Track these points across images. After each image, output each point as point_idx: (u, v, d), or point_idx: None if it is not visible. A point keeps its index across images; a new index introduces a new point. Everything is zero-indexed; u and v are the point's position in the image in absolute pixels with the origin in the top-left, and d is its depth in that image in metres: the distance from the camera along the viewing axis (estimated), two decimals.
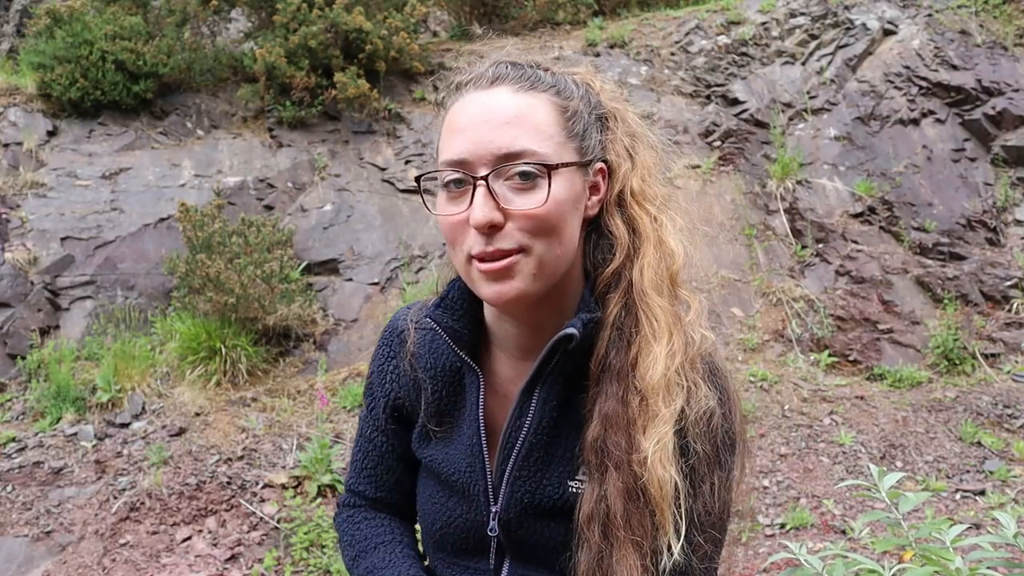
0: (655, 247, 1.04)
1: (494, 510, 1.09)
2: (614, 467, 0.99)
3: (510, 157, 0.96)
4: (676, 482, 0.98)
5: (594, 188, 1.06)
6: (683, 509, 0.99)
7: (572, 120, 1.01)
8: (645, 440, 0.98)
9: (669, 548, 0.97)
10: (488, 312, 1.12)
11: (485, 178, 0.96)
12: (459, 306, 1.10)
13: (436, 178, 1.02)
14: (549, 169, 0.96)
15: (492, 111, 0.97)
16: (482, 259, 0.98)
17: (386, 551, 1.20)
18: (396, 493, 1.27)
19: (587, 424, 1.03)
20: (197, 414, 5.03)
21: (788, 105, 7.17)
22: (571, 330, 1.00)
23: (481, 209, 0.95)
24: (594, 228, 1.08)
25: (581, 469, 1.05)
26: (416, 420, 1.18)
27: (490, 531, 1.09)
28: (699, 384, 1.02)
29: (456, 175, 0.98)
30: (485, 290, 1.00)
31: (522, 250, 0.97)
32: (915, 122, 6.99)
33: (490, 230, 0.96)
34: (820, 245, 6.37)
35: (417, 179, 1.06)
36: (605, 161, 1.06)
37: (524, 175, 0.96)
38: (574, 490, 1.06)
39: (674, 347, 1.00)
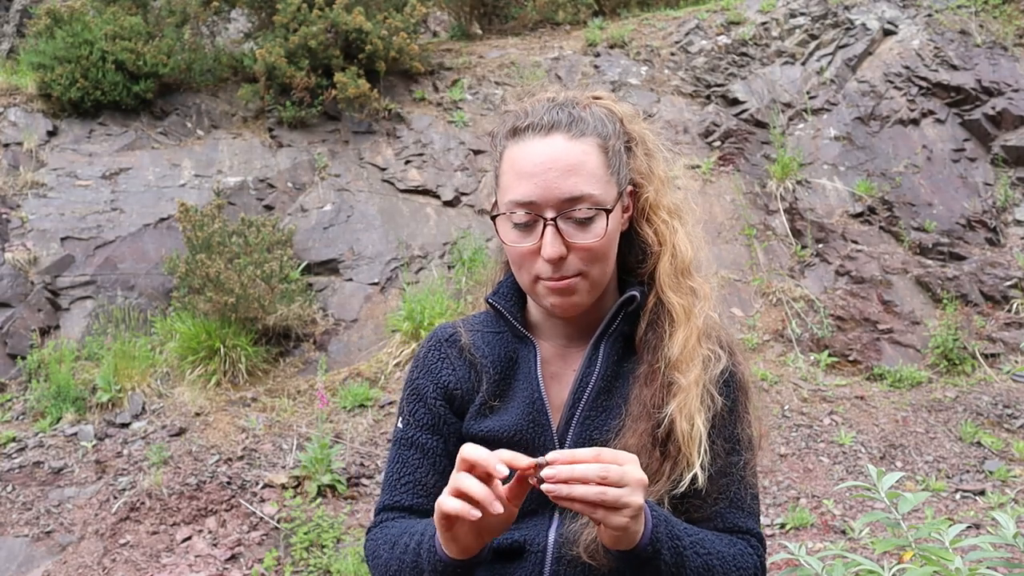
0: (670, 253, 1.28)
1: None
2: (645, 418, 1.21)
3: (573, 201, 1.18)
4: (701, 432, 1.19)
5: (626, 208, 1.29)
6: (704, 449, 1.20)
7: (612, 158, 1.23)
8: (672, 401, 1.21)
9: (693, 480, 1.19)
10: (535, 309, 1.35)
11: (554, 220, 1.18)
12: (511, 297, 1.34)
13: (504, 212, 1.23)
14: (607, 212, 1.19)
15: (555, 159, 1.18)
16: (549, 280, 1.21)
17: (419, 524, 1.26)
18: (434, 500, 1.25)
19: (632, 383, 1.26)
20: (197, 414, 5.03)
21: (788, 105, 7.17)
22: (634, 292, 1.27)
23: (552, 246, 1.18)
24: (624, 236, 1.30)
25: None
26: (468, 407, 1.33)
27: None
28: (713, 352, 1.25)
29: (527, 216, 1.20)
30: (550, 301, 1.24)
31: (580, 274, 1.21)
32: (915, 122, 6.99)
33: (558, 261, 1.19)
34: (820, 245, 6.38)
35: (493, 217, 1.26)
36: (632, 183, 1.28)
37: (585, 215, 1.18)
38: None
39: (689, 331, 1.24)
